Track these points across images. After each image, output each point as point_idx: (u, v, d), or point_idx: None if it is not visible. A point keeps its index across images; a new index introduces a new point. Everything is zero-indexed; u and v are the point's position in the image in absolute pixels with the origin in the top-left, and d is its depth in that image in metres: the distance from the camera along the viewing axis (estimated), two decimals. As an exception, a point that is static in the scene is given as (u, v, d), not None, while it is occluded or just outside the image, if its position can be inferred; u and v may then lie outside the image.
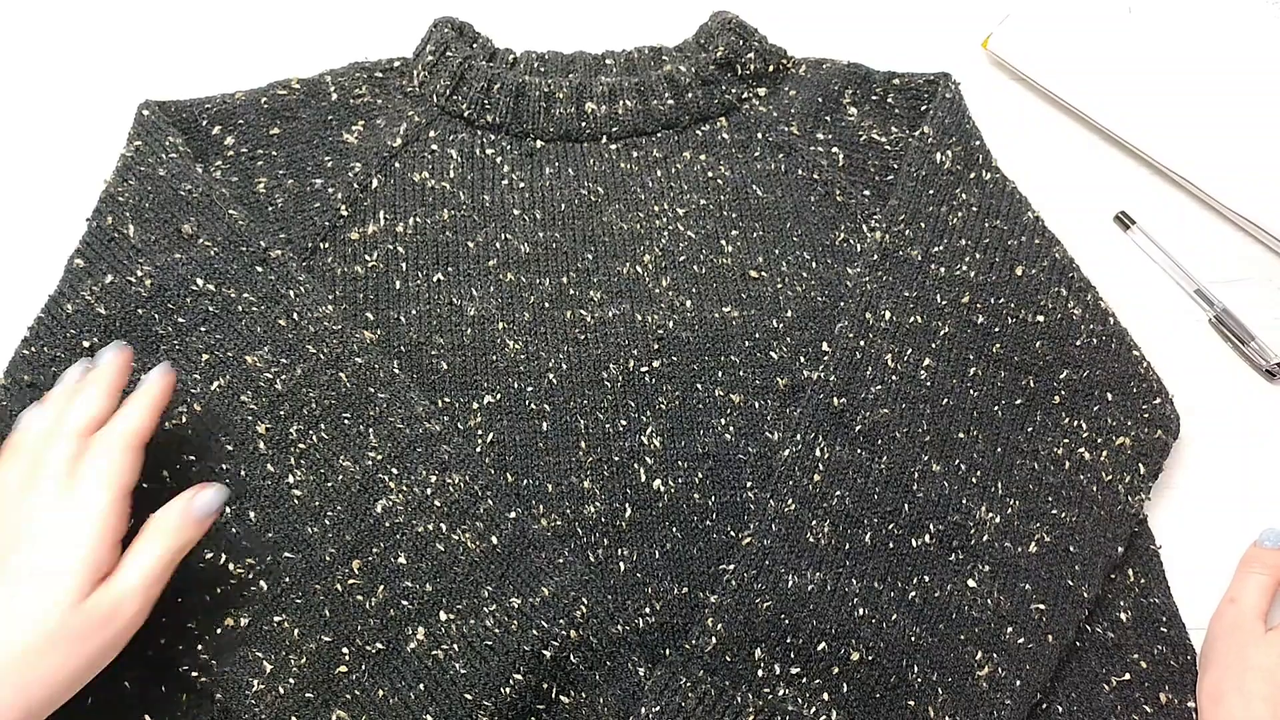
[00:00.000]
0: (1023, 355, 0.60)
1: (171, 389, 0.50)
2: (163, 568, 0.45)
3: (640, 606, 0.55)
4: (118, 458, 0.46)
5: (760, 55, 0.69)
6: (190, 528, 0.47)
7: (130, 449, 0.47)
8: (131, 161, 0.62)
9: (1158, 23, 0.75)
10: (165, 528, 0.46)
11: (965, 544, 0.55)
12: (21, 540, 0.43)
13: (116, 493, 0.45)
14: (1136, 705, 0.55)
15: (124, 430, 0.47)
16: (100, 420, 0.48)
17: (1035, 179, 0.68)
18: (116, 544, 0.45)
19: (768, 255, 0.64)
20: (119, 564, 0.45)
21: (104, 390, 0.49)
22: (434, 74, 0.67)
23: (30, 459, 0.46)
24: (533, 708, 0.51)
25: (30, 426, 0.48)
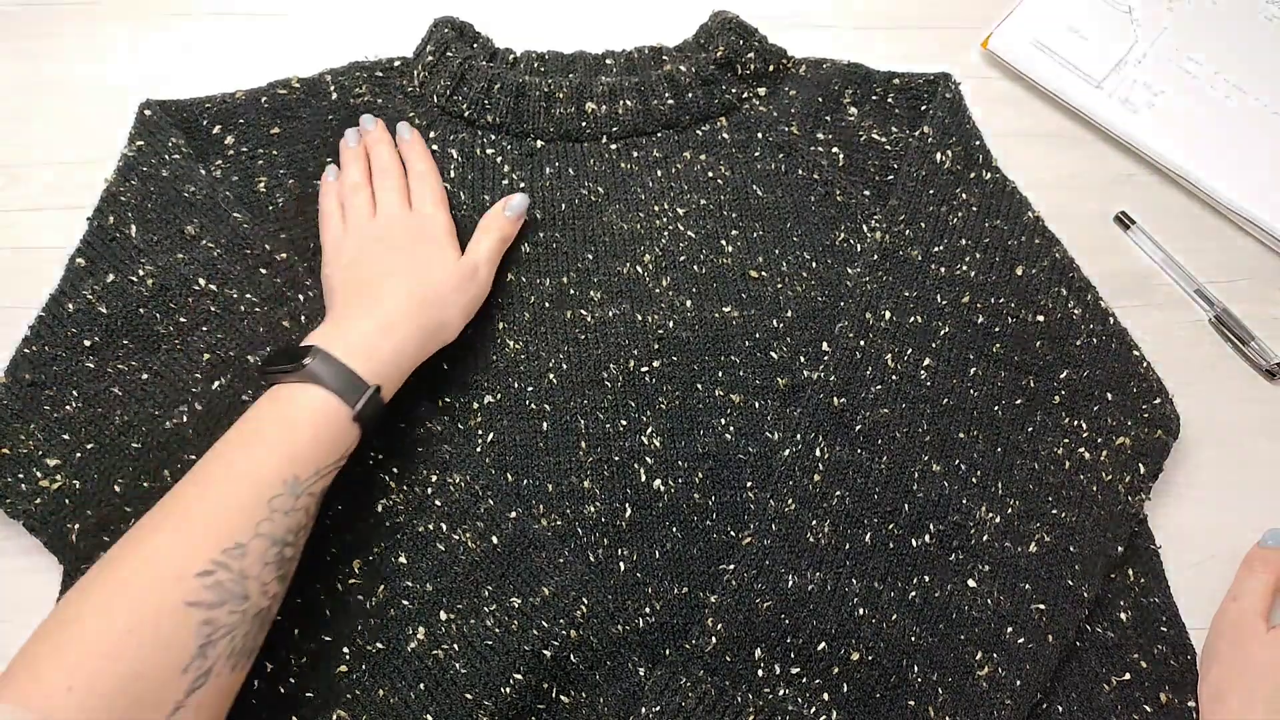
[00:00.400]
0: (1023, 355, 0.60)
1: (421, 142, 0.66)
2: (497, 249, 0.61)
3: (640, 606, 0.55)
4: (429, 184, 0.63)
5: (760, 55, 0.69)
6: (509, 224, 0.62)
7: (434, 173, 0.64)
8: (133, 161, 0.62)
9: (1158, 23, 0.75)
10: (492, 224, 0.62)
11: (965, 544, 0.55)
12: (409, 241, 0.59)
13: (446, 210, 0.62)
14: (1136, 705, 0.55)
15: (425, 168, 0.64)
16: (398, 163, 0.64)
17: (1035, 179, 0.68)
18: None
19: (768, 255, 0.64)
20: (468, 247, 0.61)
21: (388, 142, 0.65)
22: (434, 74, 0.67)
23: (365, 208, 0.61)
24: (533, 708, 0.51)
25: (345, 184, 0.63)
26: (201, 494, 0.46)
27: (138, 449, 0.55)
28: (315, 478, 0.48)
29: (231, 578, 0.44)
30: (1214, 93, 0.73)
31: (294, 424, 0.48)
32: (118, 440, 0.55)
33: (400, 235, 0.59)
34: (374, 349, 0.52)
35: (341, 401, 0.49)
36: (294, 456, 0.47)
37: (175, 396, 0.57)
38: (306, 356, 0.50)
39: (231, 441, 0.48)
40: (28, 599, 0.55)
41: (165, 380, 0.57)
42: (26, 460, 0.55)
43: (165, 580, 0.42)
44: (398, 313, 0.54)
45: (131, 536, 0.45)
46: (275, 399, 0.50)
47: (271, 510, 0.46)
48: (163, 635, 0.41)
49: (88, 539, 0.54)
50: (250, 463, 0.47)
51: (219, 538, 0.44)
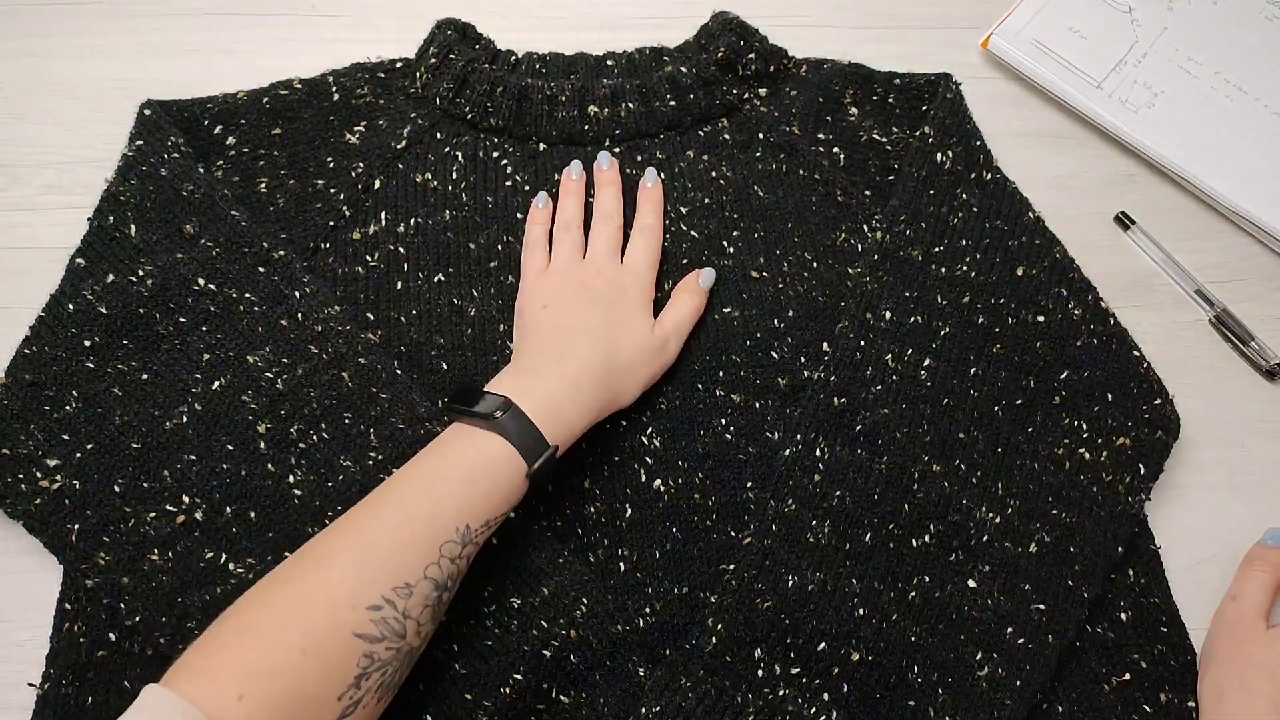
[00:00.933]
0: (1023, 355, 0.60)
1: (661, 188, 0.66)
2: (690, 321, 0.61)
3: (640, 606, 0.55)
4: (649, 243, 0.63)
5: (761, 56, 0.69)
6: (700, 295, 0.62)
7: (658, 231, 0.64)
8: (133, 161, 0.62)
9: (1158, 23, 0.75)
10: (690, 290, 0.62)
11: (965, 544, 0.55)
12: (610, 300, 0.59)
13: (652, 276, 0.62)
14: (1136, 705, 0.55)
15: (651, 223, 0.64)
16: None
17: (1035, 179, 0.68)
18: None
19: (769, 255, 0.64)
20: (661, 315, 0.61)
21: (617, 186, 0.65)
22: (437, 76, 0.67)
23: (573, 249, 0.62)
24: (532, 708, 0.51)
25: (560, 219, 0.63)
26: (382, 528, 0.47)
27: (137, 449, 0.55)
28: (484, 528, 0.49)
29: (395, 616, 0.45)
30: (1214, 93, 0.73)
31: (476, 473, 0.49)
32: (118, 440, 0.55)
33: (604, 289, 0.59)
34: (559, 410, 0.52)
35: (521, 458, 0.50)
36: (470, 505, 0.48)
37: (175, 396, 0.57)
38: (499, 409, 0.50)
39: (415, 477, 0.49)
40: (28, 599, 0.56)
41: (165, 380, 0.57)
42: (26, 460, 0.55)
43: (341, 607, 0.44)
44: (586, 375, 0.54)
45: (313, 551, 0.46)
46: (460, 442, 0.50)
47: (440, 555, 0.47)
48: (330, 660, 0.42)
49: (87, 539, 0.54)
50: (432, 504, 0.47)
51: (393, 575, 0.45)
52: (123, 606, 0.52)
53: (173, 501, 0.54)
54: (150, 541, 0.53)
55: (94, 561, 0.53)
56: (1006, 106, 0.74)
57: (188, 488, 0.55)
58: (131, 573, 0.53)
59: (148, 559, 0.53)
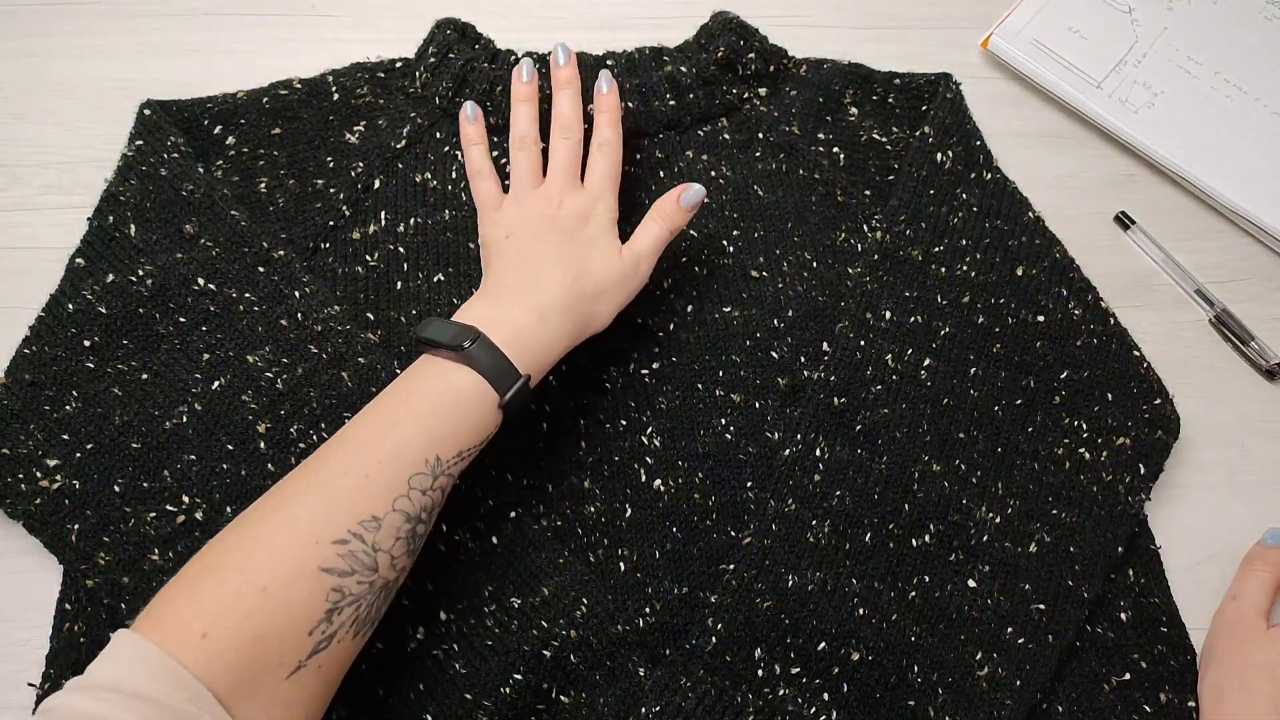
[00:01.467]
0: (1023, 355, 0.60)
1: (618, 95, 0.62)
2: (661, 241, 0.58)
3: (640, 606, 0.55)
4: (609, 160, 0.60)
5: (761, 55, 0.69)
6: (679, 214, 0.59)
7: (617, 145, 0.61)
8: (133, 161, 0.62)
9: (1158, 23, 0.75)
10: (664, 212, 0.59)
11: (965, 544, 0.55)
12: (574, 226, 0.57)
13: (614, 196, 0.59)
14: (1136, 705, 0.55)
15: (609, 137, 0.60)
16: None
17: (1035, 179, 0.68)
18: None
19: (769, 255, 0.64)
20: (632, 237, 0.58)
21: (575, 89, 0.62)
22: (436, 75, 0.67)
23: (531, 172, 0.60)
24: (532, 708, 0.51)
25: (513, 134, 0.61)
26: (346, 463, 0.47)
27: (137, 449, 0.55)
28: (456, 460, 0.49)
29: (364, 549, 0.45)
30: (1214, 93, 0.73)
31: (443, 405, 0.49)
32: (117, 440, 0.55)
33: (567, 216, 0.57)
34: (529, 339, 0.52)
35: (492, 389, 0.50)
36: (439, 437, 0.48)
37: (175, 396, 0.57)
38: (467, 339, 0.50)
39: (381, 412, 0.49)
40: (28, 599, 0.56)
41: (165, 380, 0.57)
42: (26, 460, 0.55)
43: (304, 544, 0.44)
44: (555, 304, 0.53)
45: (275, 494, 0.46)
46: (426, 374, 0.50)
47: (410, 488, 0.47)
48: (295, 597, 0.42)
49: (87, 539, 0.54)
50: (396, 439, 0.47)
51: (358, 510, 0.45)
52: (123, 606, 0.52)
53: (173, 501, 0.54)
54: (150, 541, 0.53)
55: (94, 561, 0.53)
56: (1006, 106, 0.74)
57: (188, 487, 0.55)
58: (132, 573, 0.53)
59: (148, 559, 0.53)
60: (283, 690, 0.42)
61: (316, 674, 0.43)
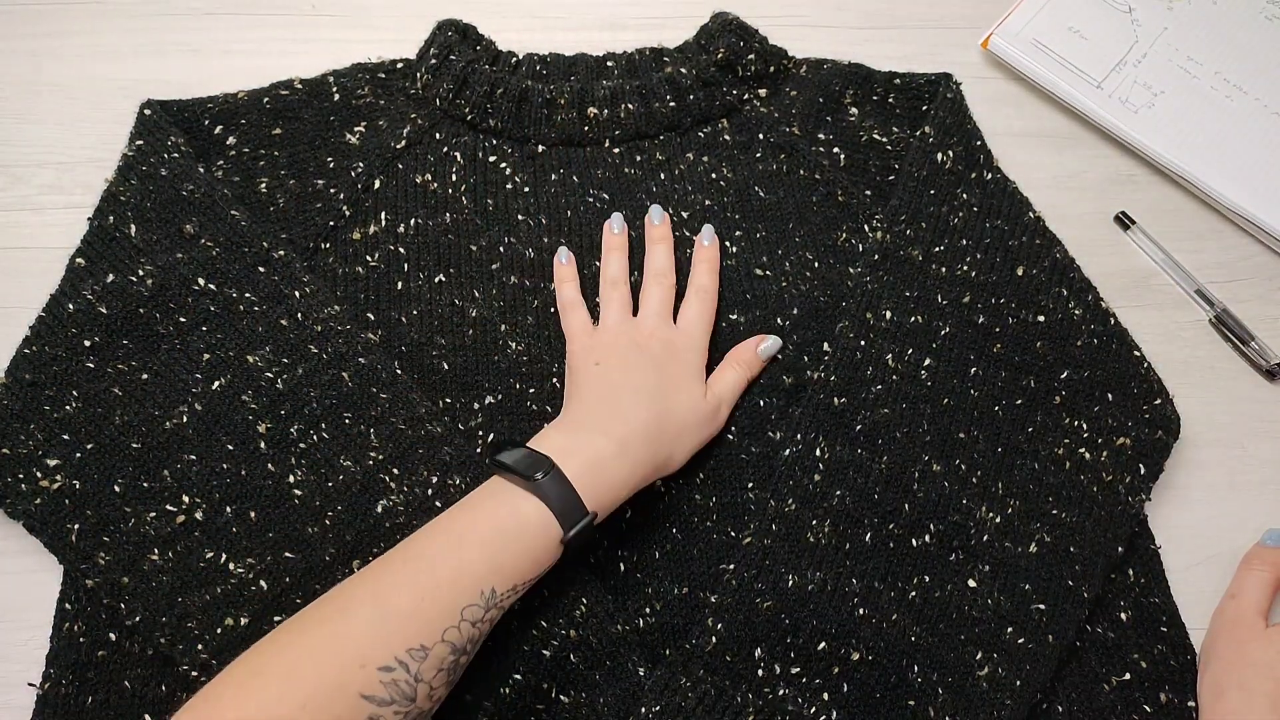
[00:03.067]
0: (1023, 355, 0.60)
1: (717, 249, 0.64)
2: (741, 386, 0.59)
3: (640, 606, 0.55)
4: (704, 306, 0.61)
5: (761, 56, 0.69)
6: (757, 363, 0.60)
7: (713, 295, 0.62)
8: (133, 161, 0.62)
9: (1158, 23, 0.76)
10: (742, 359, 0.60)
11: (965, 544, 0.55)
12: (663, 358, 0.57)
13: (705, 339, 0.60)
14: (1136, 705, 0.55)
15: (708, 284, 0.62)
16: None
17: (1035, 179, 0.68)
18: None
19: (771, 255, 0.64)
20: (710, 380, 0.59)
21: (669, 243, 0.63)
22: (437, 77, 0.67)
23: (622, 308, 0.60)
24: (532, 708, 0.51)
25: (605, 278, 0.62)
26: (404, 583, 0.46)
27: (138, 449, 0.55)
28: (510, 593, 0.48)
29: (408, 679, 0.44)
30: (1214, 93, 0.73)
31: (507, 535, 0.48)
32: (118, 440, 0.55)
33: (658, 350, 0.57)
34: (603, 474, 0.50)
35: (558, 524, 0.48)
36: (499, 566, 0.47)
37: (175, 396, 0.57)
38: (541, 470, 0.49)
39: (444, 531, 0.48)
40: (28, 599, 0.56)
41: (165, 380, 0.57)
42: (26, 460, 0.55)
43: (350, 665, 0.43)
44: (636, 438, 0.52)
45: (332, 603, 0.46)
46: (495, 500, 0.49)
47: (461, 619, 0.46)
48: (331, 718, 0.42)
49: (87, 539, 0.54)
50: (456, 563, 0.46)
51: (408, 636, 0.44)
52: (123, 606, 0.53)
53: (173, 501, 0.54)
54: (150, 541, 0.53)
55: (94, 561, 0.53)
56: (1006, 106, 0.74)
57: (188, 487, 0.55)
58: (131, 572, 0.53)
59: (148, 559, 0.53)
60: None
61: None
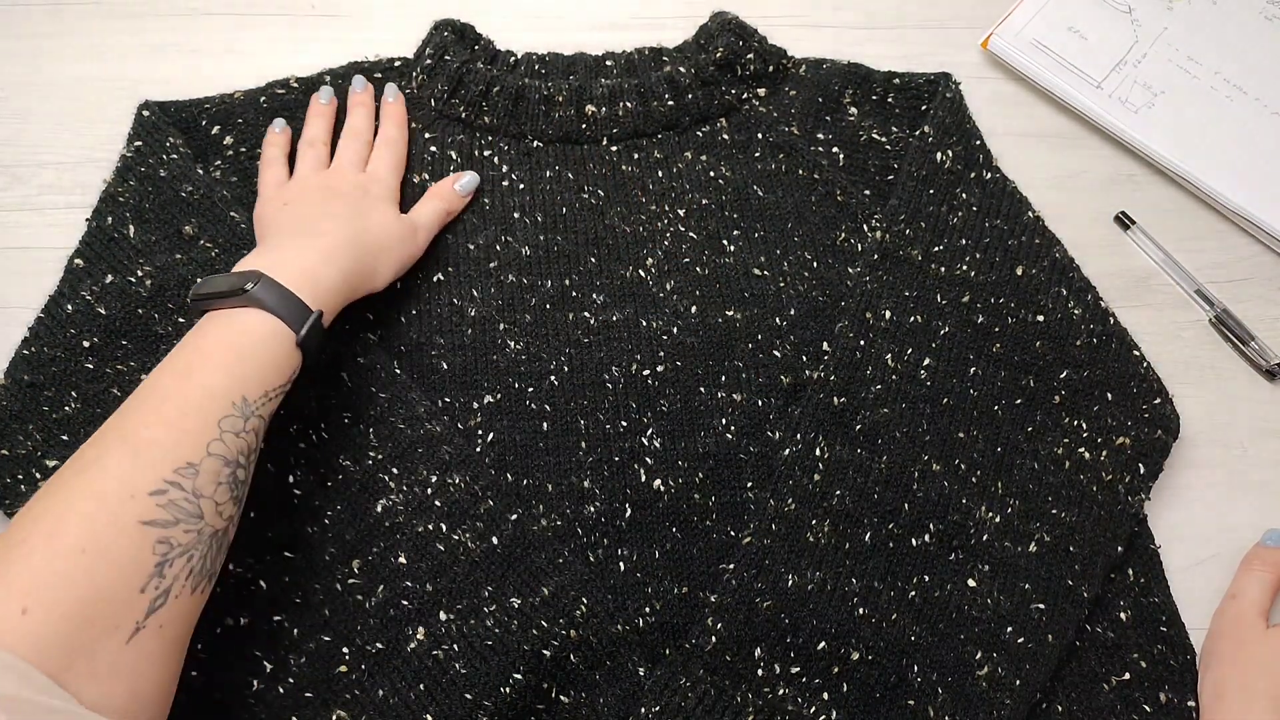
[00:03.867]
0: (1023, 355, 0.60)
1: (404, 106, 0.67)
2: (439, 218, 0.62)
3: (640, 606, 0.55)
4: (392, 153, 0.64)
5: (760, 56, 0.69)
6: (456, 198, 0.63)
7: (402, 143, 0.65)
8: (132, 162, 0.62)
9: (1158, 23, 0.75)
10: (441, 193, 0.63)
11: (965, 543, 0.55)
12: (353, 194, 0.60)
13: (396, 182, 0.63)
14: (1136, 705, 0.55)
15: (394, 135, 0.65)
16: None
17: (1035, 179, 0.68)
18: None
19: (769, 255, 0.64)
20: (411, 210, 0.62)
21: (368, 108, 0.66)
22: (432, 77, 0.67)
23: (316, 162, 0.63)
24: (533, 708, 0.51)
25: (304, 137, 0.65)
26: (149, 416, 0.45)
27: (137, 449, 0.55)
28: (263, 400, 0.48)
29: (185, 497, 0.43)
30: (1214, 93, 0.73)
31: (239, 347, 0.48)
32: (117, 440, 0.55)
33: (347, 188, 0.60)
34: (317, 277, 0.52)
35: (286, 326, 0.49)
36: (242, 377, 0.47)
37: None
38: (248, 282, 0.49)
39: (174, 366, 0.48)
40: (27, 599, 0.56)
41: (165, 380, 0.57)
42: (26, 461, 0.55)
43: (117, 499, 0.42)
44: (336, 247, 0.54)
45: (77, 459, 0.44)
46: (216, 324, 0.49)
47: (222, 431, 0.46)
48: (118, 554, 0.41)
49: (87, 539, 0.54)
50: (198, 384, 0.46)
51: (170, 458, 0.44)
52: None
53: (172, 501, 0.54)
54: (150, 541, 0.53)
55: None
56: (1006, 106, 0.74)
57: (187, 488, 0.54)
58: (131, 573, 0.53)
59: (147, 559, 0.53)
60: (124, 658, 0.40)
61: (158, 635, 0.42)
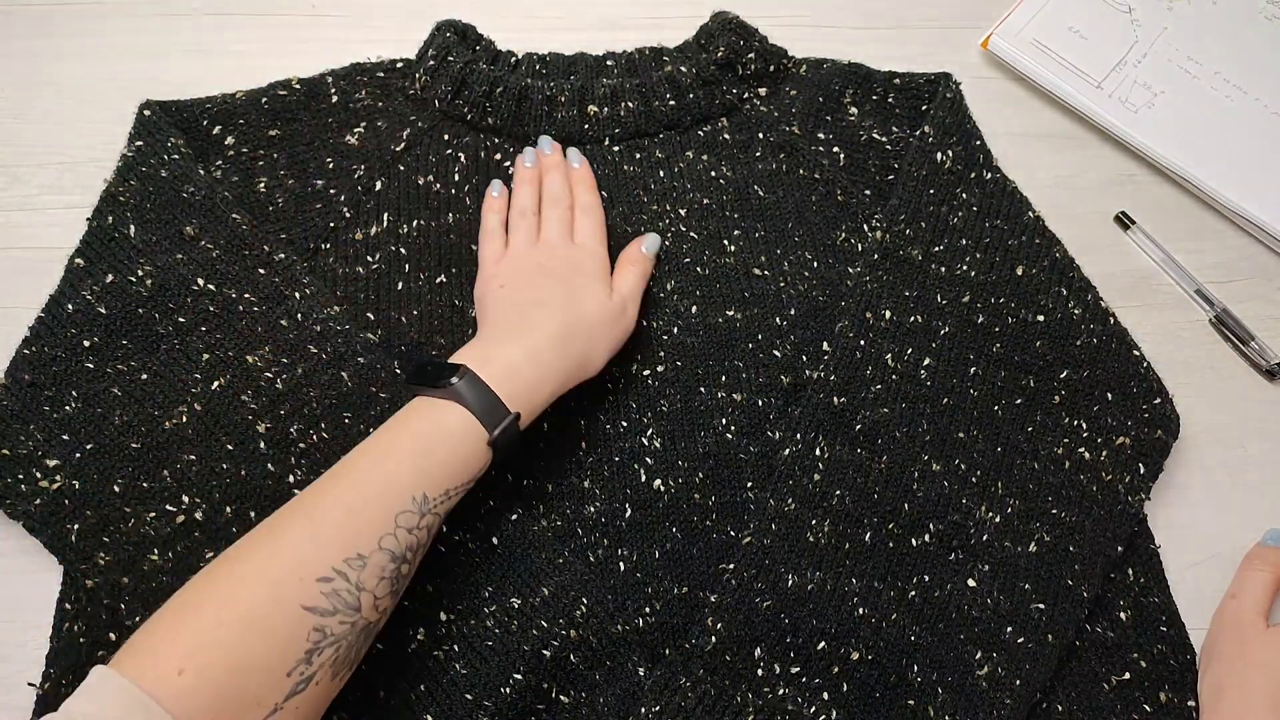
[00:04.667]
0: (1023, 355, 0.60)
1: (589, 168, 0.66)
2: (640, 285, 0.61)
3: (640, 606, 0.55)
4: (594, 220, 0.63)
5: (761, 55, 0.69)
6: (647, 260, 0.63)
7: (599, 208, 0.64)
8: (133, 162, 0.62)
9: (1158, 23, 0.75)
10: (634, 258, 0.62)
11: (965, 543, 0.55)
12: (567, 272, 0.59)
13: (604, 250, 0.62)
14: (1136, 705, 0.55)
15: (591, 201, 0.64)
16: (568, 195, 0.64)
17: (1035, 179, 0.68)
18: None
19: (770, 255, 0.64)
20: (614, 284, 0.60)
21: (562, 170, 0.65)
22: (436, 77, 0.67)
23: (529, 234, 0.62)
24: (533, 708, 0.51)
25: (515, 207, 0.63)
26: (333, 500, 0.46)
27: (137, 449, 0.55)
28: (443, 498, 0.49)
29: (349, 588, 0.44)
30: (1214, 93, 0.73)
31: (430, 441, 0.49)
32: (117, 441, 0.55)
33: (559, 265, 0.59)
34: (519, 376, 0.52)
35: (480, 425, 0.50)
36: (426, 473, 0.48)
37: (174, 397, 0.57)
38: (454, 375, 0.50)
39: (369, 450, 0.49)
40: (28, 599, 0.56)
41: (164, 380, 0.57)
42: (26, 461, 0.55)
43: (287, 581, 0.43)
44: (546, 343, 0.54)
45: (261, 530, 0.46)
46: (416, 413, 0.50)
47: (396, 526, 0.46)
48: (276, 635, 0.42)
49: (87, 539, 0.54)
50: (383, 475, 0.47)
51: (343, 546, 0.45)
52: (123, 607, 0.52)
53: (173, 501, 0.54)
54: (150, 541, 0.53)
55: (94, 562, 0.53)
56: (1006, 106, 0.74)
57: (187, 487, 0.55)
58: (132, 573, 0.53)
59: (148, 559, 0.53)
60: None
61: (293, 715, 0.43)
